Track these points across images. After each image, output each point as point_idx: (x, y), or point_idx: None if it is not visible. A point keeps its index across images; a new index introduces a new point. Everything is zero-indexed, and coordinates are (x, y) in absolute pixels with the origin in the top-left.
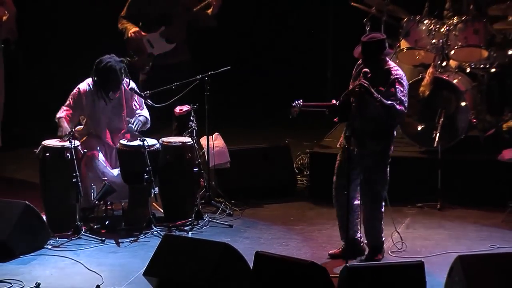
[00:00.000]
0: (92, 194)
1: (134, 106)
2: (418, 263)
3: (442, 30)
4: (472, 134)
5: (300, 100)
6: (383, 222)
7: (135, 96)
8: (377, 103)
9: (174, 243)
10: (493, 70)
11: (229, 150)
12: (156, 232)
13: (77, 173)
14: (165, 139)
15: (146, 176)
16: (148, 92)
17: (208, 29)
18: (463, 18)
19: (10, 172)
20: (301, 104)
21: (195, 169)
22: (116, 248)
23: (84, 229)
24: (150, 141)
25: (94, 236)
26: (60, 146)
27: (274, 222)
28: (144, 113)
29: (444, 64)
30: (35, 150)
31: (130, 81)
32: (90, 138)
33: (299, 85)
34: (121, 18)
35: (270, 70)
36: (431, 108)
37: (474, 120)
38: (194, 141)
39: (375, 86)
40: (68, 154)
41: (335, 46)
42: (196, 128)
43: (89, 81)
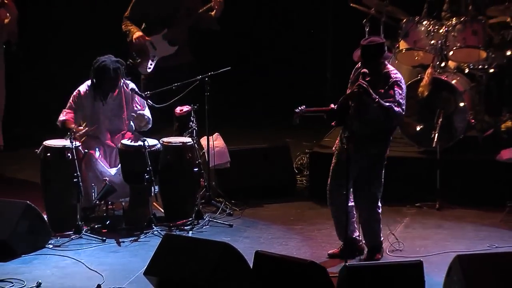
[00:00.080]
0: (93, 194)
1: (136, 106)
2: (417, 263)
3: (441, 31)
4: (470, 134)
5: (303, 106)
6: (381, 222)
7: (136, 97)
8: (375, 104)
9: (174, 242)
10: (491, 70)
11: (229, 150)
12: (156, 232)
13: (78, 173)
14: (165, 139)
15: (146, 176)
16: (149, 92)
17: (209, 31)
18: (462, 19)
19: (11, 172)
20: (304, 110)
21: (195, 169)
22: (117, 247)
23: (85, 228)
24: (150, 141)
25: (95, 236)
26: (61, 146)
27: (274, 221)
28: (146, 113)
29: (443, 64)
30: (36, 150)
31: (129, 82)
32: (89, 138)
33: (299, 85)
34: (125, 19)
35: (270, 70)
36: (430, 108)
37: (473, 121)
38: (195, 141)
39: (374, 88)
40: (69, 154)
41: (334, 47)
42: (196, 128)
43: (88, 83)
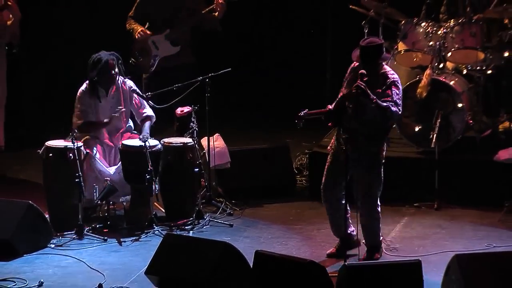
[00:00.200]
0: (95, 194)
1: (135, 105)
2: (416, 262)
3: (439, 32)
4: (468, 135)
5: (305, 110)
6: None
7: (135, 96)
8: (373, 105)
9: (175, 242)
10: (489, 72)
11: (229, 151)
12: (157, 232)
13: (80, 173)
14: (166, 140)
15: (147, 176)
16: (150, 93)
17: (211, 32)
18: (460, 20)
19: (13, 172)
20: (306, 113)
21: (196, 169)
22: (118, 247)
23: (87, 228)
24: (151, 142)
25: (96, 235)
26: (63, 146)
27: (274, 221)
28: (148, 111)
29: (441, 66)
30: (39, 150)
31: (127, 80)
32: (89, 137)
33: (298, 86)
34: (129, 18)
35: (270, 71)
36: (428, 109)
37: (471, 121)
38: (195, 141)
39: (371, 88)
40: (70, 155)
41: (334, 48)
42: (197, 129)
43: (86, 83)
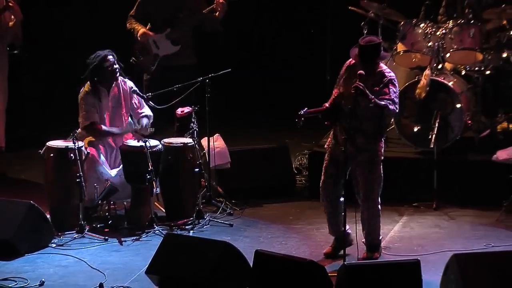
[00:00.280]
0: (95, 194)
1: (135, 105)
2: (415, 261)
3: (438, 33)
4: (467, 135)
5: (305, 109)
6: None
7: (134, 95)
8: (371, 104)
9: (175, 241)
10: (487, 72)
11: (229, 151)
12: (158, 231)
13: (81, 173)
14: (166, 140)
15: (148, 176)
16: (150, 94)
17: (212, 33)
18: (459, 21)
19: (15, 173)
20: (306, 112)
21: (196, 169)
22: (119, 246)
23: (88, 228)
24: (152, 142)
25: (97, 235)
26: (64, 147)
27: (274, 221)
28: (146, 111)
29: (440, 66)
30: (40, 151)
31: (127, 80)
32: (91, 138)
33: (298, 87)
34: (130, 17)
35: (270, 72)
36: (427, 109)
37: (469, 122)
38: (195, 142)
39: (369, 87)
40: (71, 155)
41: (333, 49)
42: (197, 129)
43: (86, 85)
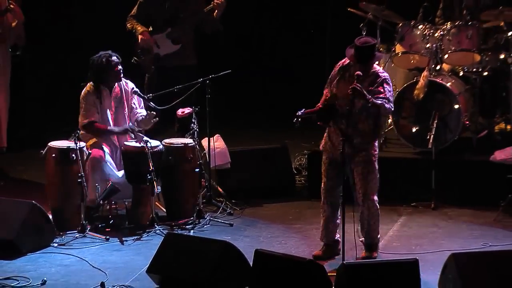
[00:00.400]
0: (97, 194)
1: (134, 104)
2: (413, 261)
3: (436, 35)
4: (465, 135)
5: (303, 109)
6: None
7: (135, 95)
8: (369, 104)
9: (176, 241)
10: (485, 73)
11: (229, 151)
12: (158, 231)
13: (82, 173)
14: (167, 141)
15: (149, 177)
16: (151, 95)
17: (214, 33)
18: (457, 23)
19: (17, 173)
20: (304, 113)
21: (197, 170)
22: (120, 246)
23: (89, 228)
24: (153, 143)
25: (98, 235)
26: (65, 147)
27: (273, 221)
28: (142, 113)
29: (438, 67)
30: (42, 151)
31: (128, 81)
32: (99, 139)
33: (298, 88)
34: (130, 18)
35: (270, 73)
36: (425, 110)
37: (467, 122)
38: (196, 142)
39: (365, 87)
40: (73, 155)
41: (333, 50)
42: (197, 129)
43: (88, 85)
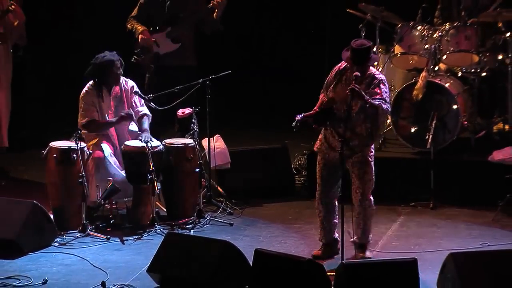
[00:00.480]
0: (98, 194)
1: (134, 103)
2: (412, 260)
3: (435, 35)
4: (463, 136)
5: (302, 114)
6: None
7: (136, 96)
8: (367, 105)
9: (176, 240)
10: (483, 74)
11: (229, 151)
12: (159, 230)
13: (83, 173)
14: (167, 141)
15: (149, 177)
16: (151, 95)
17: (214, 34)
18: (455, 24)
19: (18, 173)
20: (303, 116)
21: (197, 170)
22: (120, 245)
23: (90, 227)
24: (153, 143)
25: (99, 234)
26: (66, 147)
27: (273, 220)
28: (144, 110)
29: (437, 68)
30: (43, 151)
31: (128, 80)
32: (100, 137)
33: (297, 88)
34: (131, 18)
35: (269, 74)
36: (424, 110)
37: (466, 123)
38: (196, 142)
39: (362, 89)
40: (74, 155)
41: (332, 51)
42: (197, 130)
43: (89, 83)
